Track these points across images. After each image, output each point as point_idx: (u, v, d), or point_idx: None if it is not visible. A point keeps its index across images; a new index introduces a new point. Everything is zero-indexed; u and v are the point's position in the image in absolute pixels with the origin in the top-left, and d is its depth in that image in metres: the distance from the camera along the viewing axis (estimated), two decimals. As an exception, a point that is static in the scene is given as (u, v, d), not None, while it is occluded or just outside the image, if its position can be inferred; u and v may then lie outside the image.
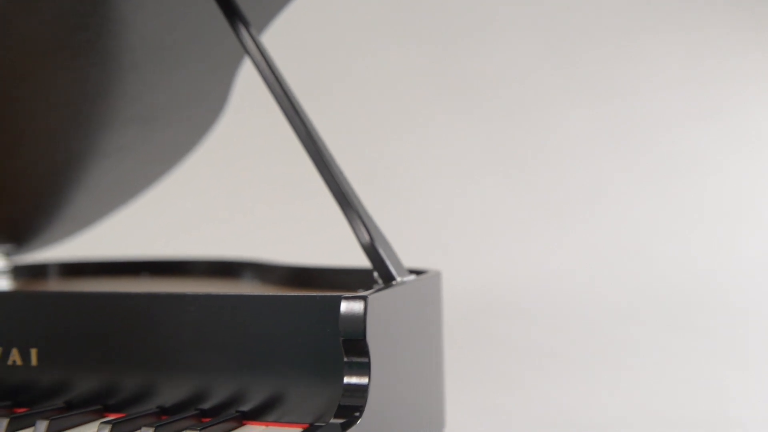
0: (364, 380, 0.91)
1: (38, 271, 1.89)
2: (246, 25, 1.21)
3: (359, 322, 0.91)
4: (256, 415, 0.97)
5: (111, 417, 1.02)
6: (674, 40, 3.03)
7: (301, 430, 0.94)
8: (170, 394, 1.01)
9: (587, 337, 2.71)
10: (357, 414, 0.89)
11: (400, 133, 3.08)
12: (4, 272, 1.83)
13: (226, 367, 0.98)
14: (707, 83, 3.00)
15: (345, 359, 0.92)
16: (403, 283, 1.07)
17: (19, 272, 1.87)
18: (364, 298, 0.91)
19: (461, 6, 3.09)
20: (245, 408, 0.98)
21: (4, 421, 0.94)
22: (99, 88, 1.40)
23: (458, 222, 3.04)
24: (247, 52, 1.20)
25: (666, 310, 2.81)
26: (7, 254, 1.84)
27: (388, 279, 1.10)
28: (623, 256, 2.97)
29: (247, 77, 1.69)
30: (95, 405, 1.03)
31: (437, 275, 1.23)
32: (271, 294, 0.97)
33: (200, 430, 0.88)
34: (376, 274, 1.12)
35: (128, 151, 1.69)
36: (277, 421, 0.96)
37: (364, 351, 0.91)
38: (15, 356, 1.06)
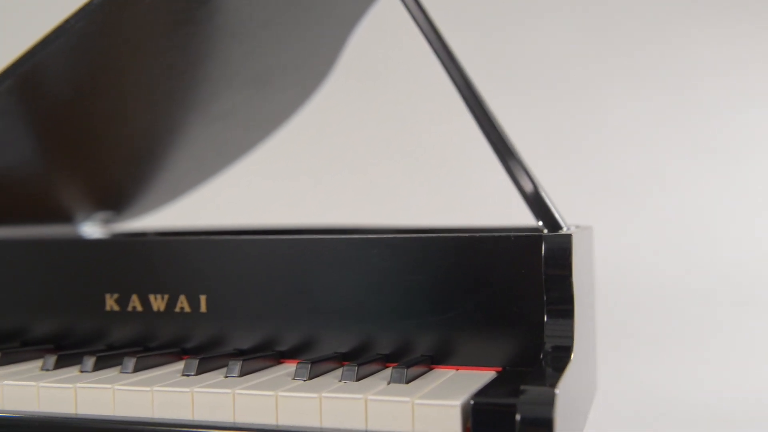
0: (569, 320, 0.88)
1: (136, 239, 1.88)
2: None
3: (566, 260, 0.88)
4: (444, 358, 0.95)
5: (288, 363, 1.00)
6: (736, 21, 2.99)
7: (494, 373, 0.91)
8: (346, 339, 0.99)
9: (664, 317, 2.68)
10: (566, 355, 0.86)
11: (449, 117, 3.05)
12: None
13: (410, 310, 0.96)
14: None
15: (546, 298, 0.89)
16: (578, 229, 1.04)
17: (117, 240, 1.85)
18: (569, 236, 0.89)
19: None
20: (430, 352, 0.95)
21: (195, 362, 0.92)
22: (228, 46, 1.38)
23: (520, 205, 3.00)
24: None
25: (740, 290, 2.78)
26: (107, 221, 1.83)
27: (554, 227, 1.07)
28: (691, 238, 2.94)
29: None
30: (267, 351, 1.01)
31: (591, 229, 1.21)
32: (456, 234, 0.95)
33: (407, 368, 0.86)
34: (540, 223, 1.09)
35: (236, 115, 1.67)
36: (466, 365, 0.94)
37: (568, 290, 0.88)
38: (183, 303, 1.04)
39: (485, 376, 0.89)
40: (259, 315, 1.02)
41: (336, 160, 2.97)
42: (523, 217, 1.51)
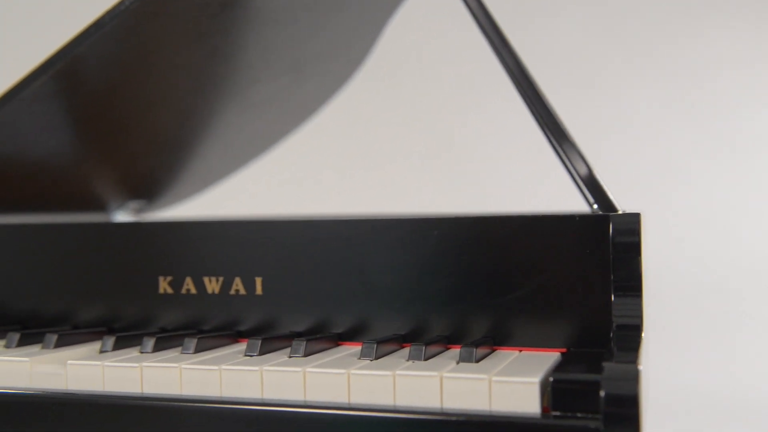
0: (638, 300, 0.87)
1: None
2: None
3: (635, 238, 0.87)
4: (506, 339, 0.94)
5: (346, 345, 0.99)
6: (751, 16, 2.98)
7: (559, 354, 0.90)
8: (405, 321, 0.98)
9: (688, 311, 2.67)
10: (636, 334, 0.85)
11: (468, 112, 3.05)
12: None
13: (471, 292, 0.95)
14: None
15: (614, 277, 0.88)
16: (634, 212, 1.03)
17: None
18: (638, 215, 0.88)
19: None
20: (492, 334, 0.94)
21: (257, 342, 0.91)
22: (271, 30, 1.37)
23: (538, 194, 3.00)
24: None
25: (764, 285, 2.76)
26: (139, 210, 1.82)
27: (609, 209, 1.06)
28: (710, 233, 2.93)
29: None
30: (325, 333, 1.00)
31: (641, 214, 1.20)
32: (520, 215, 0.94)
33: (476, 347, 0.85)
34: (596, 206, 1.08)
35: (272, 103, 1.66)
36: (528, 346, 0.93)
37: (637, 269, 0.87)
38: (238, 285, 1.04)
39: (551, 356, 0.88)
40: (316, 297, 1.01)
41: (349, 158, 2.96)
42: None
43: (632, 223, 0.88)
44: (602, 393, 0.70)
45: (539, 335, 0.93)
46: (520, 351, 0.93)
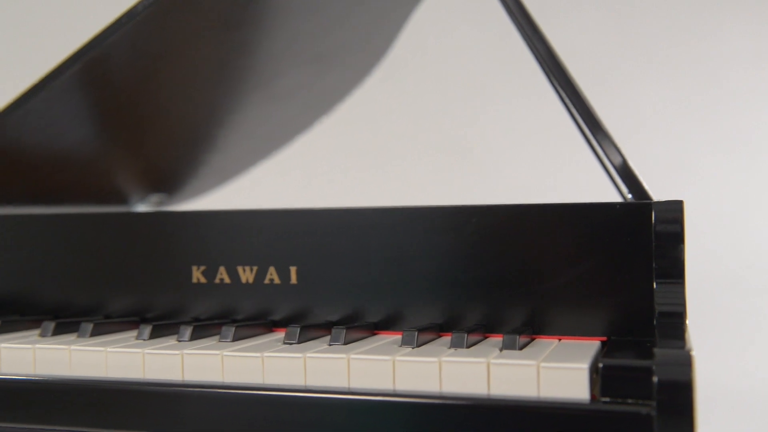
0: (680, 287, 0.87)
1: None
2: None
3: (679, 226, 0.87)
4: (544, 328, 0.93)
5: (382, 334, 0.99)
6: (766, 14, 2.96)
7: (599, 343, 0.90)
8: (442, 310, 0.97)
9: (705, 309, 2.66)
10: (680, 321, 0.85)
11: (478, 108, 3.04)
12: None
13: (509, 281, 0.94)
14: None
15: (656, 265, 0.88)
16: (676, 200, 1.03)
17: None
18: (681, 202, 0.88)
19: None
20: (531, 323, 0.94)
21: (296, 330, 0.91)
22: (297, 20, 1.37)
23: (547, 192, 2.99)
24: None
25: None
26: (159, 204, 1.82)
27: (643, 197, 1.05)
28: (725, 231, 2.92)
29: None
30: (361, 322, 1.00)
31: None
32: (559, 203, 0.93)
33: (518, 335, 0.84)
34: (630, 196, 1.08)
35: (295, 95, 1.66)
36: (568, 335, 0.93)
37: (680, 256, 0.87)
38: (272, 274, 1.03)
39: (593, 345, 0.88)
40: (351, 286, 1.00)
41: (359, 155, 2.95)
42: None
43: (675, 210, 0.87)
44: (655, 379, 0.69)
45: (579, 324, 0.92)
46: (560, 339, 0.92)
